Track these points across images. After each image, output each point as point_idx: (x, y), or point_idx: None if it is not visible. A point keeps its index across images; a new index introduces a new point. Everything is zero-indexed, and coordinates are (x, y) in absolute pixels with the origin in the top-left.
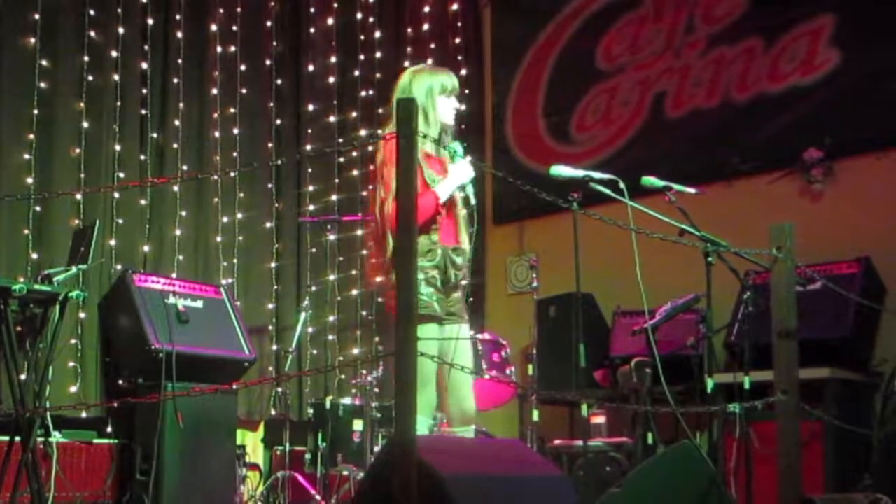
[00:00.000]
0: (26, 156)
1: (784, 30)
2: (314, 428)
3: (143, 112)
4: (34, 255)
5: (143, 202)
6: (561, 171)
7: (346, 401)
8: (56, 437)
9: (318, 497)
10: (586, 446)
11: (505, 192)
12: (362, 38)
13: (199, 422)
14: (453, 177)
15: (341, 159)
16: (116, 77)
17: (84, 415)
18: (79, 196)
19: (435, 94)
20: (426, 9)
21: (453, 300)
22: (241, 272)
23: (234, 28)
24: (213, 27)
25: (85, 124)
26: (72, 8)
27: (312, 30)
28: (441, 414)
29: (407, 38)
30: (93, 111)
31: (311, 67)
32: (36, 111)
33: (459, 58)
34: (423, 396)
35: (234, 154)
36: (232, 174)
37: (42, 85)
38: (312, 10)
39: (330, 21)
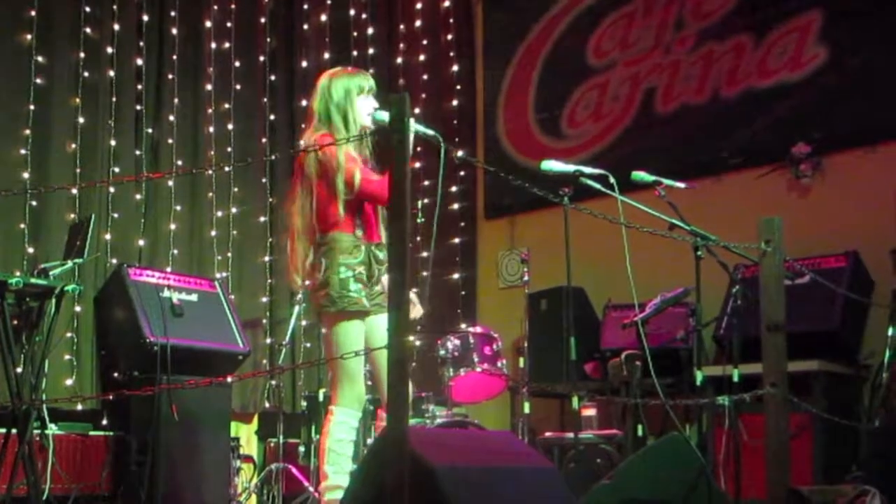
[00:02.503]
0: (22, 151)
1: (773, 26)
2: (308, 420)
3: (138, 108)
4: (30, 250)
5: (138, 197)
6: (552, 166)
7: None
8: (52, 429)
9: (311, 489)
10: (577, 438)
11: (496, 186)
12: (355, 34)
13: (194, 414)
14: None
15: None
16: (112, 73)
17: (80, 407)
18: (74, 191)
19: (353, 95)
20: (418, 5)
21: (376, 293)
22: (236, 266)
23: (228, 24)
24: (208, 23)
25: (80, 120)
26: (67, 4)
27: (306, 26)
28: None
29: (399, 35)
30: (88, 107)
31: (304, 63)
32: (32, 107)
33: (451, 54)
34: (353, 391)
35: (229, 149)
36: (226, 169)
37: (38, 81)
38: (306, 6)
39: (323, 17)
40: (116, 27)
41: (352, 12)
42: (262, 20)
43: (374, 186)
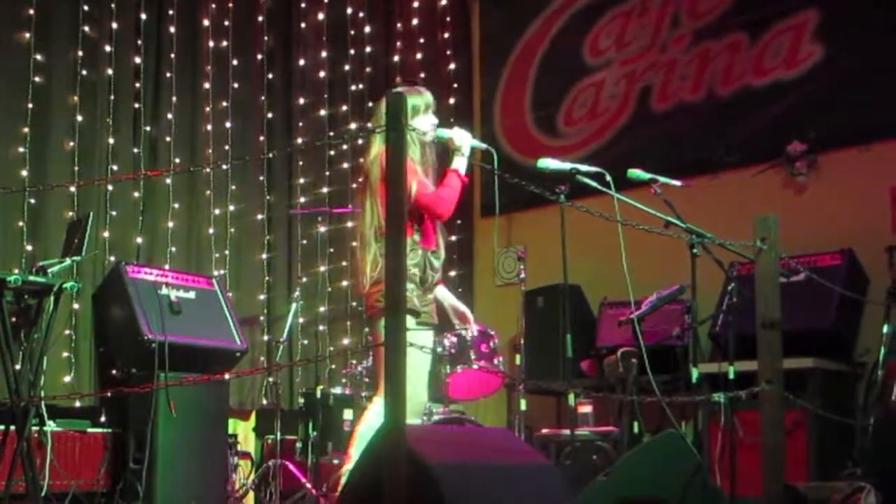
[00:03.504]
0: (21, 149)
1: (768, 25)
2: (305, 417)
3: (137, 106)
4: (29, 247)
5: (136, 195)
6: (548, 164)
7: (337, 390)
8: (50, 426)
9: (308, 485)
10: (573, 435)
11: (492, 184)
12: (352, 32)
13: (192, 411)
14: (464, 147)
15: (332, 152)
16: (110, 71)
17: (78, 404)
18: (73, 189)
19: (418, 112)
20: (415, 4)
21: (428, 300)
22: (233, 263)
23: (226, 23)
24: (206, 22)
25: (79, 118)
26: (66, 3)
27: (303, 25)
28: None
29: (396, 33)
30: (86, 105)
31: (301, 62)
32: (30, 105)
33: (448, 52)
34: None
35: (226, 147)
36: (224, 167)
37: (36, 79)
38: (303, 5)
39: (320, 16)
40: (115, 26)
41: (349, 10)
42: (260, 19)
43: (428, 199)
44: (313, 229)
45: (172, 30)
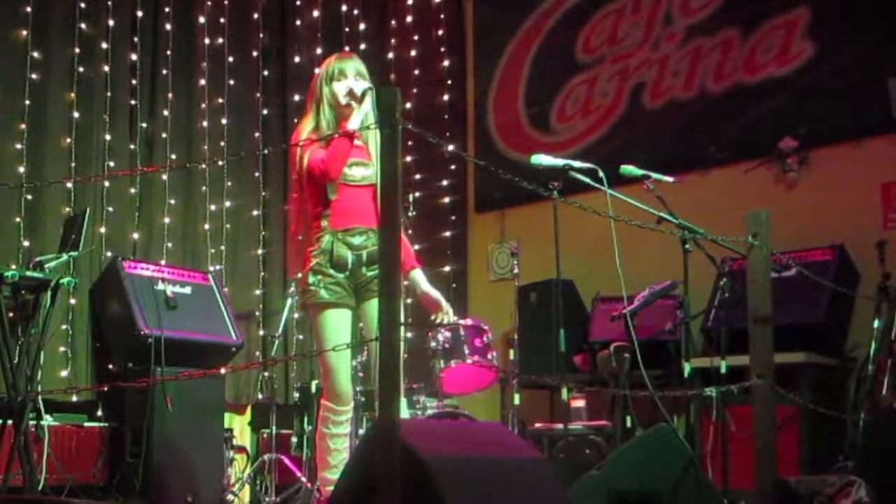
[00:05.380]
0: (18, 145)
1: (760, 22)
2: (300, 411)
3: (133, 102)
4: (26, 243)
5: (132, 191)
6: (541, 160)
7: None
8: (48, 420)
9: (303, 479)
10: (566, 429)
11: (486, 180)
12: (347, 30)
13: (188, 405)
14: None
15: None
16: (106, 68)
17: (75, 398)
18: (69, 185)
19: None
20: (409, 1)
21: (362, 275)
22: (229, 259)
23: (222, 20)
24: (201, 19)
25: (75, 114)
26: (62, 1)
27: (298, 22)
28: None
29: (390, 30)
30: (83, 102)
31: (297, 59)
32: (27, 102)
33: (442, 49)
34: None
35: (222, 143)
36: (220, 163)
37: (33, 76)
38: (298, 2)
39: (315, 13)
40: (111, 23)
41: (343, 8)
42: (255, 16)
43: (313, 163)
44: None
45: (168, 27)
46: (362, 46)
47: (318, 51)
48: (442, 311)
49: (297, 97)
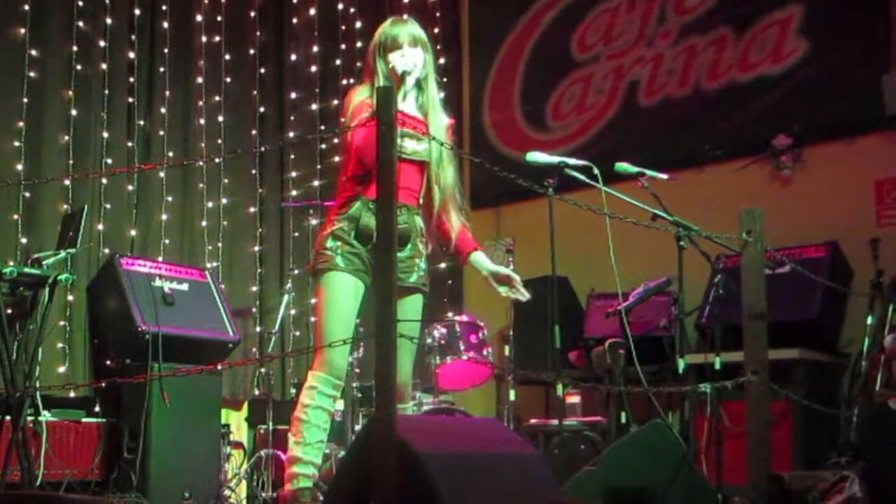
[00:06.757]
0: (16, 143)
1: (754, 20)
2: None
3: (130, 100)
4: (24, 240)
5: (130, 188)
6: (537, 157)
7: None
8: (45, 416)
9: None
10: (561, 425)
11: (482, 177)
12: (343, 27)
13: (185, 401)
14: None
15: (323, 146)
16: (104, 66)
17: (72, 395)
18: (67, 182)
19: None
20: None
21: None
22: (226, 256)
23: (219, 18)
24: (199, 17)
25: (73, 112)
26: None
27: (295, 20)
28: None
29: None
30: (81, 99)
31: (293, 57)
32: (26, 100)
33: (438, 47)
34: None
35: (219, 141)
36: (217, 160)
37: (31, 74)
38: (295, 0)
39: (312, 11)
40: (109, 21)
41: (340, 6)
42: (252, 14)
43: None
44: (305, 222)
45: (166, 25)
46: (359, 44)
47: (315, 49)
48: (516, 286)
49: (293, 94)
